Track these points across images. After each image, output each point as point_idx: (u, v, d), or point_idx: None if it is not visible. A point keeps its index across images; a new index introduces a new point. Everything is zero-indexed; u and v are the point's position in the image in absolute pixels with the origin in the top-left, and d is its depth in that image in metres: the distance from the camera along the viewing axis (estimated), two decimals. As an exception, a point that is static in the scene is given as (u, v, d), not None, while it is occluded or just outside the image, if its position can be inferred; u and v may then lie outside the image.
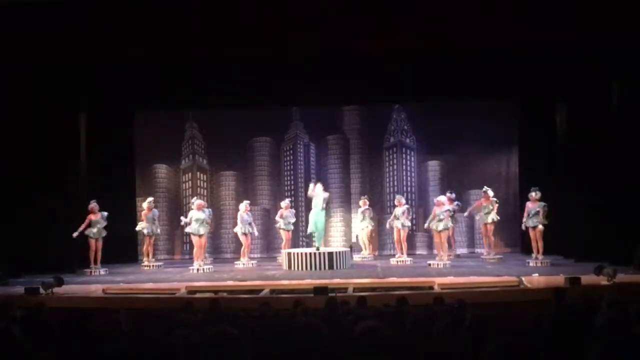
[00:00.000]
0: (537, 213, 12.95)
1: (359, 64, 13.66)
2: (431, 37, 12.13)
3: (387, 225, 14.44)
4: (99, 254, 13.40)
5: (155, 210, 14.50)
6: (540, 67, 13.82)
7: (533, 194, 13.07)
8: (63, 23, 11.67)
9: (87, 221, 13.22)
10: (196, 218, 13.39)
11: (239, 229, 14.17)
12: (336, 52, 12.90)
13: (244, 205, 14.28)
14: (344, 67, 13.68)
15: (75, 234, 13.06)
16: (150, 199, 14.55)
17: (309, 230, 14.05)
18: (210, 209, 14.25)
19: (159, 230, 14.47)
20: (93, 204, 13.35)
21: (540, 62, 13.60)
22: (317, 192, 13.98)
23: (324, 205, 14.06)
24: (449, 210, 13.51)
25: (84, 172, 14.22)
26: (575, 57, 12.95)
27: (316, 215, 13.90)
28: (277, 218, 14.61)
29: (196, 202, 13.66)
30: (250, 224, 14.21)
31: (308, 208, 14.68)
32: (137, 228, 14.43)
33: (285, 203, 14.69)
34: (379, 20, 11.69)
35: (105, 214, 13.42)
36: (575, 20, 11.50)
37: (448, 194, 14.17)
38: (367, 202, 15.04)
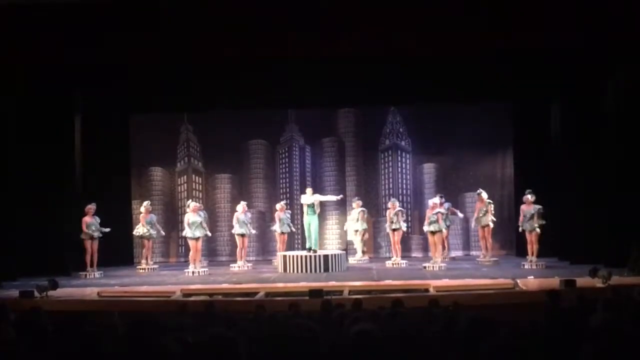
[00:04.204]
0: (532, 216, 12.97)
1: (354, 66, 13.65)
2: (426, 40, 12.13)
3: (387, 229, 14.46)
4: (95, 256, 13.39)
5: (153, 215, 14.46)
6: (534, 70, 13.84)
7: (528, 196, 13.08)
8: (60, 24, 11.65)
9: (83, 223, 13.25)
10: (192, 221, 13.39)
11: (236, 231, 14.17)
12: (332, 54, 12.89)
13: (241, 207, 14.27)
14: (340, 69, 13.67)
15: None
16: (147, 202, 14.52)
17: (307, 245, 13.95)
18: (205, 212, 14.30)
19: (154, 234, 14.39)
20: (90, 206, 13.36)
21: (534, 64, 13.62)
22: (306, 198, 14.03)
23: (317, 209, 14.05)
24: (440, 212, 13.50)
25: (79, 175, 14.18)
26: (569, 59, 12.98)
27: (309, 218, 13.91)
28: (276, 222, 14.60)
29: (191, 205, 13.65)
30: (247, 224, 14.20)
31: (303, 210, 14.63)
32: (135, 232, 14.40)
33: (280, 205, 14.68)
34: (376, 23, 11.69)
35: (97, 219, 13.46)
36: (570, 23, 11.52)
37: (438, 197, 14.17)
38: (360, 204, 15.04)
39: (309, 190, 14.36)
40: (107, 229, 13.40)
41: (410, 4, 11.48)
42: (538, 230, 12.92)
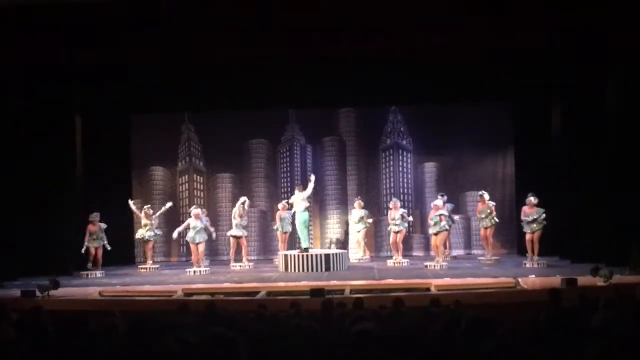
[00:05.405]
0: (534, 220, 12.96)
1: (355, 65, 13.68)
2: (426, 40, 12.14)
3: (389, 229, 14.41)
4: (99, 260, 13.48)
5: (154, 216, 14.50)
6: (534, 70, 13.86)
7: (531, 198, 13.06)
8: (59, 24, 11.65)
9: (87, 232, 13.32)
10: (193, 226, 13.46)
11: (233, 232, 14.19)
12: (332, 54, 12.90)
13: (237, 209, 14.29)
14: (340, 68, 13.69)
15: (83, 249, 13.35)
16: (147, 206, 14.52)
17: (303, 246, 13.91)
18: (207, 217, 14.26)
19: (154, 236, 14.41)
20: (93, 216, 13.39)
21: (534, 64, 13.63)
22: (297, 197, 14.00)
23: (304, 205, 13.97)
24: (443, 214, 13.49)
25: (80, 175, 14.20)
26: (569, 59, 12.99)
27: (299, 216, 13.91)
28: (277, 222, 14.61)
29: (193, 211, 13.71)
30: (243, 227, 14.22)
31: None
32: (137, 235, 14.43)
33: (282, 204, 14.69)
34: (375, 23, 11.69)
35: (104, 225, 13.52)
36: (570, 23, 11.52)
37: (440, 197, 14.17)
38: (362, 204, 15.05)
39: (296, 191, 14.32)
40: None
41: (410, 4, 11.47)
42: (540, 232, 12.96)
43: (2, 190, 12.62)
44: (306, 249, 13.55)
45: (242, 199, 14.40)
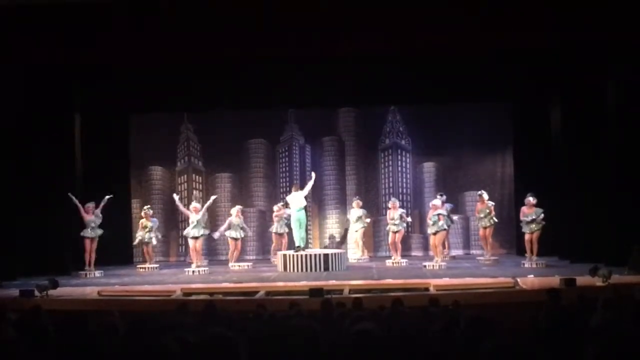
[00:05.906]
0: (533, 220, 12.96)
1: (355, 65, 13.68)
2: (426, 40, 12.15)
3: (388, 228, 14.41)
4: (93, 255, 13.40)
5: (155, 219, 14.48)
6: (534, 70, 13.86)
7: (530, 199, 13.06)
8: (59, 24, 11.66)
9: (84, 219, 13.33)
10: (191, 220, 13.53)
11: (231, 233, 14.20)
12: (332, 54, 12.90)
13: (235, 210, 14.29)
14: (340, 68, 13.69)
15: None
16: (147, 207, 14.51)
17: (297, 245, 13.88)
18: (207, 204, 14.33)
19: (154, 241, 14.38)
20: (89, 204, 13.37)
21: (534, 64, 13.64)
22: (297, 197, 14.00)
23: (301, 205, 13.98)
24: (441, 214, 13.49)
25: (79, 174, 14.20)
26: (569, 59, 12.99)
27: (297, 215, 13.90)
28: (274, 223, 14.63)
29: (192, 205, 13.73)
30: (240, 228, 14.21)
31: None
32: (136, 236, 14.39)
33: (277, 207, 14.69)
34: (375, 23, 11.70)
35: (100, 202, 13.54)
36: (570, 23, 11.53)
37: (439, 197, 14.17)
38: (361, 204, 15.05)
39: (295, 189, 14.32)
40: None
41: (410, 4, 11.48)
42: (538, 232, 12.96)
43: (2, 190, 12.62)
44: (299, 248, 13.54)
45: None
